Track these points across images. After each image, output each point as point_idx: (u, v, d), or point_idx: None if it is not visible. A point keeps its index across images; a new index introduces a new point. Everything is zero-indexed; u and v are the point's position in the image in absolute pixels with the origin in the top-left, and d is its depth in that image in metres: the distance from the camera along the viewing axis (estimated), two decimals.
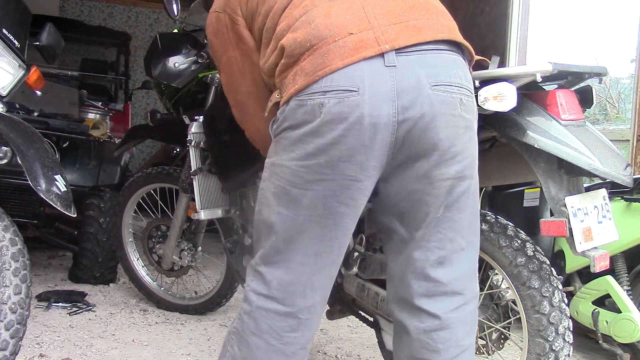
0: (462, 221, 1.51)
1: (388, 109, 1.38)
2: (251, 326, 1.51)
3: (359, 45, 1.40)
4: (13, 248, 1.97)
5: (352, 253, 2.22)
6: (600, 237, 1.93)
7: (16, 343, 1.94)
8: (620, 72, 8.43)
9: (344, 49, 1.40)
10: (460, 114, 1.44)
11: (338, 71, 1.39)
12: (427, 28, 1.46)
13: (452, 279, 1.51)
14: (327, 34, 1.43)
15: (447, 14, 1.55)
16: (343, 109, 1.38)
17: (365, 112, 1.38)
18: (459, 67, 1.48)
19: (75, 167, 3.78)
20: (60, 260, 4.24)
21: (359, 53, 1.39)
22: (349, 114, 1.38)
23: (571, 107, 1.90)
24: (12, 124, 2.11)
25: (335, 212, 1.44)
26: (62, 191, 2.04)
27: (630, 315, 2.55)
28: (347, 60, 1.39)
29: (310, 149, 1.41)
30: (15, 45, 2.33)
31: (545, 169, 1.89)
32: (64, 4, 8.26)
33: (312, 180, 1.42)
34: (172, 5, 2.69)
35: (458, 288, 1.53)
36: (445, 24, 1.50)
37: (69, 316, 3.08)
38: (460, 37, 1.51)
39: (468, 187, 1.50)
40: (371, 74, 1.39)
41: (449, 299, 1.52)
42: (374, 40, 1.41)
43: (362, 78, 1.39)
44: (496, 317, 2.13)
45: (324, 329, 3.15)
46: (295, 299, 1.50)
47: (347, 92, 1.38)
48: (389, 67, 1.39)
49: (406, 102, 1.39)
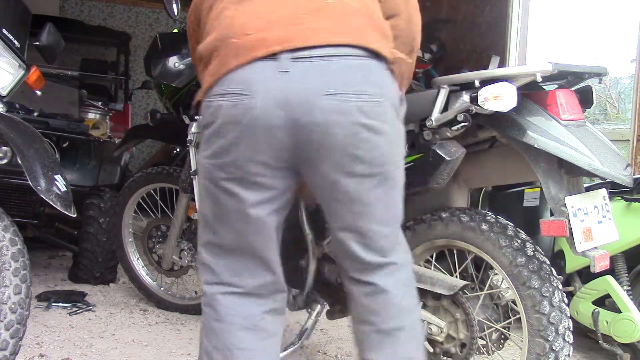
0: (376, 213, 1.55)
1: (280, 114, 1.42)
2: (212, 314, 1.57)
3: (253, 45, 1.44)
4: (13, 248, 1.97)
5: None
6: (600, 237, 1.93)
7: (16, 343, 1.94)
8: (620, 72, 8.44)
9: (239, 49, 1.45)
10: (358, 120, 1.45)
11: (233, 72, 1.45)
12: (327, 31, 1.45)
13: (376, 257, 1.58)
14: (229, 35, 1.48)
15: (365, 16, 1.51)
16: (237, 112, 1.44)
17: (258, 116, 1.42)
18: (363, 72, 1.47)
19: (75, 167, 3.78)
20: (60, 260, 4.24)
21: (251, 53, 1.43)
22: (242, 117, 1.43)
23: (571, 107, 1.91)
24: (12, 124, 2.11)
25: (245, 195, 1.51)
26: (62, 191, 2.04)
27: (630, 315, 2.55)
28: (240, 60, 1.44)
29: (216, 148, 1.49)
30: (15, 45, 2.33)
31: (546, 169, 1.89)
32: (64, 4, 8.25)
33: (224, 177, 1.50)
34: (172, 5, 2.69)
35: (386, 261, 1.59)
36: (354, 26, 1.48)
37: (69, 316, 3.08)
38: (369, 41, 1.47)
39: (379, 182, 1.53)
40: (264, 79, 1.43)
41: (380, 270, 1.60)
42: (268, 40, 1.43)
43: (256, 82, 1.43)
44: (496, 317, 2.13)
45: (324, 329, 3.15)
46: (246, 280, 1.58)
47: (241, 95, 1.43)
48: (282, 72, 1.42)
49: (298, 110, 1.42)
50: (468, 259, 2.14)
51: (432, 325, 2.07)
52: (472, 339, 2.06)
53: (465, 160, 2.07)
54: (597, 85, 2.13)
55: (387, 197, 1.57)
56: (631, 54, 4.88)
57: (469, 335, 2.07)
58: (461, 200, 2.26)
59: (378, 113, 1.48)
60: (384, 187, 1.54)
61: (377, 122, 1.48)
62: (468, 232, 2.06)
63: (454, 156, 1.99)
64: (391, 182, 1.56)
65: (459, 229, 2.08)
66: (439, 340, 2.10)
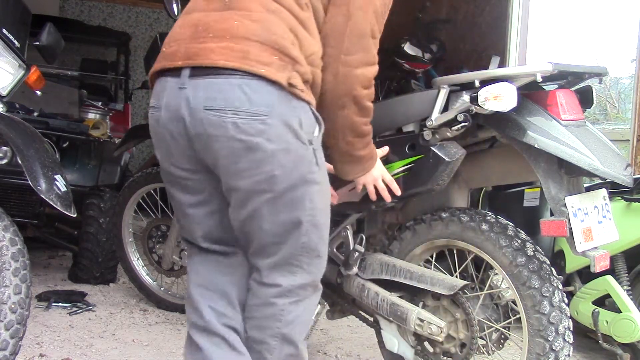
0: (261, 231, 1.66)
1: (179, 125, 1.60)
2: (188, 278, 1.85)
3: (167, 57, 1.63)
4: (13, 248, 1.97)
5: (352, 253, 2.22)
6: (600, 237, 1.93)
7: (16, 343, 1.94)
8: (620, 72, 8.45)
9: (161, 58, 1.65)
10: (233, 135, 1.54)
11: (155, 84, 1.67)
12: (220, 52, 1.55)
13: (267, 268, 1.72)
14: (164, 43, 1.68)
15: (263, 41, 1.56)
16: (153, 124, 1.68)
17: (165, 127, 1.63)
18: (245, 90, 1.54)
19: (75, 167, 3.78)
20: (60, 260, 4.24)
21: (165, 63, 1.62)
22: (155, 127, 1.67)
23: (571, 107, 1.91)
24: (12, 124, 2.11)
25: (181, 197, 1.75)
26: (62, 191, 2.04)
27: (630, 315, 2.55)
28: (156, 67, 1.65)
29: (157, 157, 1.74)
30: (15, 45, 2.33)
31: (546, 169, 1.89)
32: (64, 4, 8.25)
33: (166, 181, 1.77)
34: (172, 5, 2.69)
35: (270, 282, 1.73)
36: (245, 50, 1.55)
37: (69, 316, 3.08)
38: (255, 66, 1.54)
39: (267, 200, 1.62)
40: (169, 92, 1.61)
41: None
42: (176, 55, 1.60)
43: (163, 96, 1.62)
44: (496, 317, 2.13)
45: (324, 329, 3.15)
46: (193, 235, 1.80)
47: (154, 108, 1.66)
48: (181, 88, 1.58)
49: (188, 123, 1.58)
50: (468, 259, 2.14)
51: (432, 325, 2.07)
52: (472, 339, 2.06)
53: (465, 161, 2.07)
54: (597, 85, 2.13)
55: (276, 217, 1.64)
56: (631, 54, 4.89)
57: (469, 335, 2.07)
58: (461, 200, 2.26)
59: (259, 130, 1.54)
60: (273, 205, 1.62)
61: (257, 139, 1.55)
62: (468, 232, 2.06)
63: (454, 157, 1.99)
64: (283, 201, 1.62)
65: (459, 229, 2.08)
66: (439, 340, 2.10)
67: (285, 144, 1.57)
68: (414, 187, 2.04)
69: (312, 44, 1.63)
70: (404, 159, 2.05)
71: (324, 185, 1.71)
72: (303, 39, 1.61)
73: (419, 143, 2.04)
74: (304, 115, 1.60)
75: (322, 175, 1.69)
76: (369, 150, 1.89)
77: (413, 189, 2.05)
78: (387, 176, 2.01)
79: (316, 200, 1.67)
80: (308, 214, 1.66)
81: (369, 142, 1.87)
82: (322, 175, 1.69)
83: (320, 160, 1.68)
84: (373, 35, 1.72)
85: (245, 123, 1.54)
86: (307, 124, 1.61)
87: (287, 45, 1.56)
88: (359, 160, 1.89)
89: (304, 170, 1.62)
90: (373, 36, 1.72)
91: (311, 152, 1.63)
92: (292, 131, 1.58)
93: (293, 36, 1.59)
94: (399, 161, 2.06)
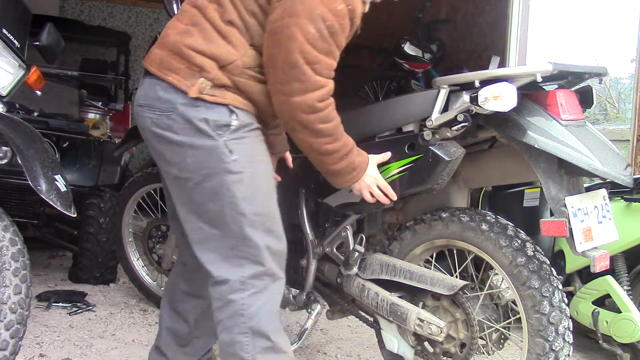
0: (181, 214, 1.89)
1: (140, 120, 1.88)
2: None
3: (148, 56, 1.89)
4: (13, 248, 1.97)
5: (352, 253, 2.22)
6: (600, 237, 1.93)
7: (16, 343, 1.94)
8: (620, 72, 8.44)
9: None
10: (151, 129, 1.83)
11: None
12: (152, 58, 1.85)
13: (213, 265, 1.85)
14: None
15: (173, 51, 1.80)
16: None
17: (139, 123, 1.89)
18: (157, 89, 1.81)
19: (75, 167, 3.78)
20: (60, 260, 4.24)
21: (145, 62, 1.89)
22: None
23: (571, 107, 1.90)
24: (12, 124, 2.11)
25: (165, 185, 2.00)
26: (62, 191, 2.04)
27: (630, 315, 2.55)
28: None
29: None
30: (15, 45, 2.33)
31: (546, 169, 1.89)
32: (64, 4, 8.24)
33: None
34: (172, 5, 2.68)
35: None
36: (160, 58, 1.82)
37: (69, 316, 3.08)
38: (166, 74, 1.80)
39: (190, 189, 1.83)
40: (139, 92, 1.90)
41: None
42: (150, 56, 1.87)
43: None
44: (496, 317, 2.13)
45: (324, 329, 3.15)
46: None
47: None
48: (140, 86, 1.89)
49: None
50: (468, 259, 2.14)
51: (432, 325, 2.07)
52: (472, 339, 2.06)
53: (465, 160, 2.07)
54: (597, 85, 2.13)
55: (200, 206, 1.83)
56: (631, 54, 4.88)
57: (469, 335, 2.07)
58: (461, 200, 2.26)
59: (167, 125, 1.80)
60: (196, 193, 1.82)
61: (167, 133, 1.80)
62: (468, 232, 2.06)
63: (453, 156, 1.99)
64: (204, 190, 1.81)
65: (459, 229, 2.08)
66: (439, 340, 2.10)
67: (190, 138, 1.78)
68: (414, 187, 2.04)
69: (232, 54, 1.77)
70: (403, 159, 2.05)
71: (245, 175, 1.80)
72: (220, 50, 1.77)
73: (419, 143, 2.03)
74: (209, 114, 1.77)
75: (241, 165, 1.79)
76: (346, 164, 1.93)
77: (412, 189, 2.05)
78: (382, 182, 2.02)
79: (234, 190, 1.79)
80: (229, 203, 1.79)
81: (341, 157, 1.91)
82: (241, 165, 1.79)
83: (238, 151, 1.79)
84: (308, 62, 1.73)
85: (157, 118, 1.81)
86: (214, 120, 1.77)
87: (194, 55, 1.77)
88: (337, 173, 1.95)
89: (216, 160, 1.78)
90: (308, 63, 1.73)
91: (222, 144, 1.77)
92: (194, 127, 1.77)
93: (207, 47, 1.77)
94: (398, 161, 2.05)
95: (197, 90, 1.76)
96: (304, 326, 2.35)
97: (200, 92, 1.76)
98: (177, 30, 1.83)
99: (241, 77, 1.79)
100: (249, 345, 1.81)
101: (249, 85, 1.81)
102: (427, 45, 5.13)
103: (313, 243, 2.34)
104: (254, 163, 1.84)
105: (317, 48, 1.73)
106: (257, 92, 1.82)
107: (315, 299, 2.37)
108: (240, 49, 1.78)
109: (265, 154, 1.90)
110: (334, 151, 1.88)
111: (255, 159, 1.84)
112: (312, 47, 1.72)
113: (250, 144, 1.83)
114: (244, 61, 1.78)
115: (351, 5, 1.75)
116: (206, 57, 1.77)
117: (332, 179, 1.99)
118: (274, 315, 1.86)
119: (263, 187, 1.86)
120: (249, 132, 1.83)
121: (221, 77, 1.77)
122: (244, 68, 1.79)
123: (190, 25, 1.81)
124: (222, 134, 1.77)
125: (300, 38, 1.71)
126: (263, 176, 1.87)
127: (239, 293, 1.81)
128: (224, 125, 1.78)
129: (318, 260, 2.35)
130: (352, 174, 1.96)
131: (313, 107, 1.78)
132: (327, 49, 1.75)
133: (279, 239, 1.89)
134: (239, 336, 1.82)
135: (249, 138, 1.83)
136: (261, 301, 1.82)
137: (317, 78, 1.76)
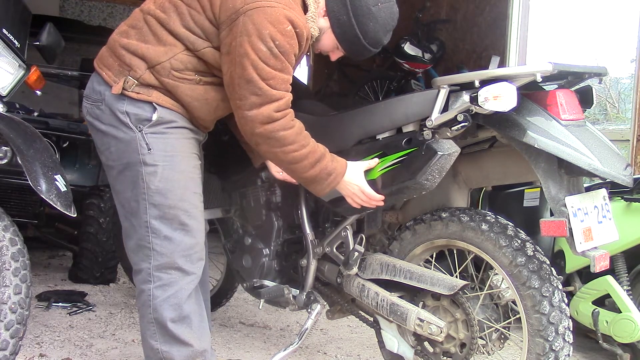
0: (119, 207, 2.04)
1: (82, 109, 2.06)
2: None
3: None
4: (13, 248, 1.97)
5: (352, 253, 2.22)
6: (600, 237, 1.93)
7: (16, 343, 1.94)
8: (620, 72, 8.43)
9: None
10: (86, 117, 2.01)
11: None
12: (101, 53, 2.00)
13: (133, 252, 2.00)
14: None
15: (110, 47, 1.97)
16: None
17: None
18: (93, 82, 1.98)
19: (75, 167, 3.78)
20: (60, 260, 4.24)
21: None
22: None
23: (571, 107, 1.90)
24: (12, 124, 2.11)
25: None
26: (62, 191, 2.05)
27: (630, 315, 2.55)
28: None
29: None
30: (15, 45, 2.33)
31: (546, 169, 1.89)
32: (64, 4, 8.24)
33: None
34: None
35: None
36: (102, 53, 1.99)
37: (69, 316, 3.08)
38: (101, 68, 1.97)
39: (115, 177, 1.99)
40: None
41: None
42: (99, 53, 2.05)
43: None
44: (496, 317, 2.13)
45: (324, 329, 3.15)
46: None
47: None
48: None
49: None
50: (468, 259, 2.14)
51: (432, 325, 2.07)
52: (472, 339, 2.06)
53: (465, 160, 2.06)
54: (597, 85, 2.13)
55: (123, 194, 1.98)
56: (631, 54, 4.88)
57: (469, 335, 2.07)
58: (461, 200, 2.26)
59: (96, 115, 1.96)
60: (118, 181, 1.98)
61: (96, 122, 1.97)
62: (468, 232, 2.05)
63: (446, 152, 1.94)
64: (125, 178, 1.95)
65: (459, 229, 2.08)
66: (439, 340, 2.10)
67: (114, 129, 1.93)
68: (403, 179, 1.99)
69: (161, 56, 1.89)
70: (399, 152, 2.03)
71: (160, 168, 1.92)
72: (150, 52, 1.89)
73: (416, 138, 2.01)
74: (131, 108, 1.91)
75: (156, 158, 1.91)
76: (318, 170, 1.97)
77: (401, 181, 2.00)
78: (367, 189, 2.03)
79: (149, 181, 1.92)
80: (142, 193, 1.92)
81: (312, 164, 1.95)
82: (156, 158, 1.91)
83: (155, 144, 1.91)
84: (263, 78, 1.83)
85: (90, 108, 1.98)
86: (135, 114, 1.90)
87: (125, 54, 1.91)
88: (313, 180, 1.99)
89: (133, 151, 1.91)
90: (263, 79, 1.83)
91: (140, 137, 1.91)
92: (117, 118, 1.92)
93: (139, 47, 1.90)
94: (394, 154, 2.03)
95: (121, 87, 1.90)
96: (303, 326, 2.34)
97: (125, 89, 1.90)
98: (118, 31, 1.98)
99: (168, 79, 1.90)
100: (156, 334, 1.97)
101: (176, 86, 1.91)
102: (427, 45, 5.13)
103: (313, 243, 2.34)
104: (172, 157, 1.93)
105: (269, 65, 1.82)
106: (185, 94, 1.92)
107: (315, 299, 2.37)
108: (171, 53, 1.90)
109: (190, 151, 1.99)
110: (302, 158, 1.93)
111: (174, 154, 1.94)
112: (264, 64, 1.82)
113: (171, 139, 1.94)
114: (172, 64, 1.89)
115: (298, 28, 1.86)
116: (137, 56, 1.91)
117: (311, 187, 2.03)
118: (179, 308, 1.95)
119: (180, 181, 1.95)
120: (170, 128, 1.93)
121: (148, 77, 1.90)
122: (172, 70, 1.90)
123: (130, 27, 1.95)
124: (142, 127, 1.91)
125: (252, 55, 1.80)
126: (181, 171, 1.95)
127: (148, 284, 1.95)
128: (144, 120, 1.91)
129: (318, 260, 2.35)
130: (328, 179, 1.99)
131: (271, 117, 1.86)
132: (280, 66, 1.84)
133: (193, 235, 1.97)
134: (148, 325, 1.98)
135: (170, 134, 1.93)
136: (167, 294, 1.94)
137: (274, 92, 1.85)
